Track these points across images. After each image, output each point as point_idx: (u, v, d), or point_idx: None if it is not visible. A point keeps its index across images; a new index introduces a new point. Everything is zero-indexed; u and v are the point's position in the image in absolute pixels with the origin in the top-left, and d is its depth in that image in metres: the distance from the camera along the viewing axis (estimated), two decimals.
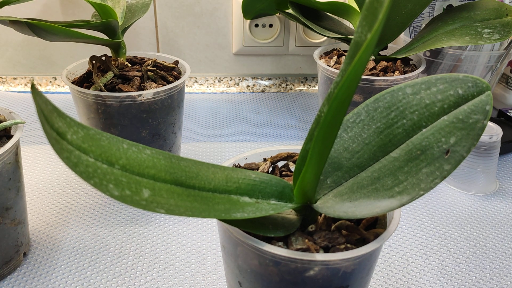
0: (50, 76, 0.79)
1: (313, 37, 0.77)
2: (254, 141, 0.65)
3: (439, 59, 0.64)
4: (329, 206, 0.28)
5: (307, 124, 0.70)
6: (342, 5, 0.62)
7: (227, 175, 0.28)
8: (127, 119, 0.49)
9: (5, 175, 0.38)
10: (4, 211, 0.39)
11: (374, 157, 0.29)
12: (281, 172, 0.36)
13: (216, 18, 0.76)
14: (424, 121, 0.28)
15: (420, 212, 0.52)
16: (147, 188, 0.24)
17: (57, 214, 0.49)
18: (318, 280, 0.27)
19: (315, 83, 0.84)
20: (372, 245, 0.27)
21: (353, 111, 0.31)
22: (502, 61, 0.64)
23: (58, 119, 0.22)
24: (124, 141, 0.25)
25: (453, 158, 0.25)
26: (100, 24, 0.50)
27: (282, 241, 0.28)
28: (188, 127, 0.69)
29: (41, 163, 0.58)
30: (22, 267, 0.42)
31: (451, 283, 0.42)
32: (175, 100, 0.52)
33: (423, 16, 0.70)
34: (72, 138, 0.22)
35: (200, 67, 0.80)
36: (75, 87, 0.49)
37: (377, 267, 0.44)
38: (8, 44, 0.75)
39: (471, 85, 0.27)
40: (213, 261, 0.44)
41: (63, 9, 0.72)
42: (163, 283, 0.41)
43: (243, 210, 0.26)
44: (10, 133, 0.41)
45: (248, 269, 0.29)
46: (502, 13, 0.55)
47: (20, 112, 0.70)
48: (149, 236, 0.47)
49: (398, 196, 0.25)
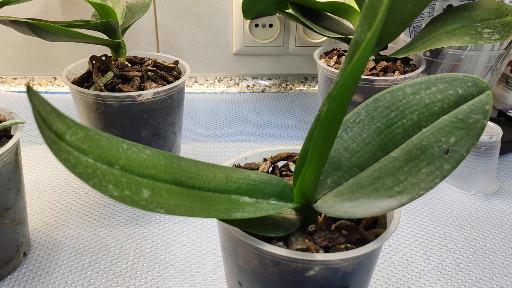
0: (50, 76, 0.79)
1: (313, 37, 0.77)
2: (254, 141, 0.65)
3: (439, 59, 0.64)
4: (329, 206, 0.28)
5: (307, 124, 0.70)
6: (342, 5, 0.62)
7: (227, 175, 0.28)
8: (127, 119, 0.49)
9: (5, 175, 0.38)
10: (4, 211, 0.39)
11: (374, 157, 0.29)
12: (281, 172, 0.36)
13: (216, 18, 0.76)
14: (424, 120, 0.28)
15: (420, 212, 0.52)
16: (147, 188, 0.24)
17: (57, 214, 0.49)
18: (318, 280, 0.27)
19: (315, 83, 0.84)
20: (372, 245, 0.27)
21: (353, 111, 0.31)
22: (502, 61, 0.63)
23: (56, 120, 0.22)
24: (124, 141, 0.25)
25: (453, 158, 0.25)
26: (100, 24, 0.50)
27: (282, 241, 0.28)
28: (188, 127, 0.69)
29: (41, 163, 0.58)
30: (22, 267, 0.42)
31: (451, 283, 0.42)
32: (175, 100, 0.52)
33: (423, 16, 0.69)
34: (71, 139, 0.22)
35: (200, 67, 0.80)
36: (75, 87, 0.49)
37: (377, 267, 0.44)
38: (8, 44, 0.75)
39: (471, 84, 0.27)
40: (213, 261, 0.44)
41: (63, 9, 0.73)
42: (163, 283, 0.41)
43: (243, 210, 0.26)
44: (10, 133, 0.41)
45: (248, 269, 0.29)
46: (502, 13, 0.55)
47: (20, 112, 0.70)
48: (149, 236, 0.47)
49: (398, 196, 0.25)
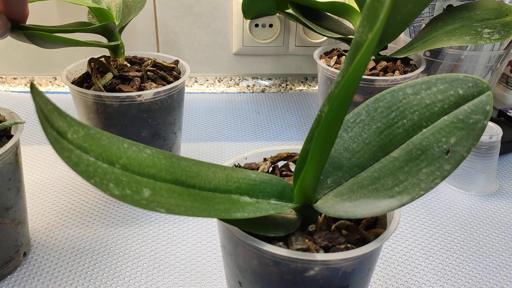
0: (50, 76, 0.79)
1: (313, 37, 0.77)
2: (254, 141, 0.65)
3: (439, 59, 0.64)
4: (329, 206, 0.28)
5: (307, 124, 0.70)
6: (342, 5, 0.62)
7: (227, 174, 0.28)
8: (127, 119, 0.49)
9: (5, 175, 0.38)
10: (4, 211, 0.39)
11: (374, 157, 0.29)
12: (281, 172, 0.36)
13: (216, 18, 0.76)
14: (424, 121, 0.28)
15: (420, 212, 0.52)
16: (147, 187, 0.24)
17: (57, 214, 0.49)
18: (318, 280, 0.27)
19: (315, 83, 0.84)
20: (372, 245, 0.27)
21: (353, 111, 0.31)
22: (502, 61, 0.64)
23: (58, 119, 0.22)
24: (125, 141, 0.25)
25: (454, 158, 0.25)
26: (97, 28, 0.50)
27: (282, 241, 0.28)
28: (188, 127, 0.69)
29: (41, 163, 0.58)
30: (22, 267, 0.42)
31: (451, 283, 0.42)
32: (175, 100, 0.52)
33: (423, 16, 0.70)
34: (72, 137, 0.22)
35: (200, 67, 0.80)
36: (75, 87, 0.49)
37: (377, 267, 0.44)
38: (8, 44, 0.75)
39: (472, 85, 0.27)
40: (213, 261, 0.44)
41: (59, 8, 0.72)
42: (163, 283, 0.41)
43: (243, 209, 0.26)
44: (10, 133, 0.41)
45: (248, 269, 0.29)
46: (502, 13, 0.55)
47: (20, 112, 0.70)
48: (149, 236, 0.47)
49: (398, 196, 0.25)
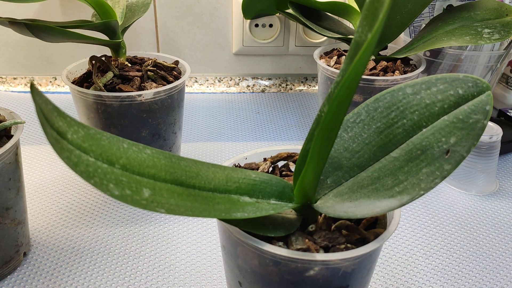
0: (50, 76, 0.79)
1: (313, 37, 0.77)
2: (254, 141, 0.65)
3: (439, 59, 0.64)
4: (329, 206, 0.28)
5: (307, 124, 0.70)
6: (342, 5, 0.62)
7: (227, 174, 0.28)
8: (127, 119, 0.49)
9: (5, 175, 0.38)
10: (4, 211, 0.39)
11: (374, 157, 0.29)
12: (281, 172, 0.36)
13: (216, 18, 0.76)
14: (424, 121, 0.28)
15: (420, 212, 0.52)
16: (147, 187, 0.24)
17: (57, 214, 0.49)
18: (318, 280, 0.27)
19: (315, 83, 0.84)
20: (372, 245, 0.27)
21: (353, 111, 0.31)
22: (502, 61, 0.64)
23: (58, 119, 0.22)
24: (125, 141, 0.25)
25: (453, 158, 0.25)
26: (100, 25, 0.50)
27: (282, 241, 0.28)
28: (188, 127, 0.69)
29: (41, 163, 0.58)
30: (22, 267, 0.42)
31: (451, 283, 0.42)
32: (175, 100, 0.52)
33: (423, 16, 0.70)
34: (72, 138, 0.22)
35: (200, 67, 0.80)
36: (75, 87, 0.49)
37: (377, 267, 0.44)
38: (8, 44, 0.75)
39: (471, 85, 0.27)
40: (213, 261, 0.44)
41: (63, 9, 0.72)
42: (163, 283, 0.41)
43: (243, 209, 0.26)
44: (10, 133, 0.41)
45: (248, 269, 0.29)
46: (502, 13, 0.55)
47: (20, 112, 0.70)
48: (149, 236, 0.47)
49: (398, 196, 0.25)
